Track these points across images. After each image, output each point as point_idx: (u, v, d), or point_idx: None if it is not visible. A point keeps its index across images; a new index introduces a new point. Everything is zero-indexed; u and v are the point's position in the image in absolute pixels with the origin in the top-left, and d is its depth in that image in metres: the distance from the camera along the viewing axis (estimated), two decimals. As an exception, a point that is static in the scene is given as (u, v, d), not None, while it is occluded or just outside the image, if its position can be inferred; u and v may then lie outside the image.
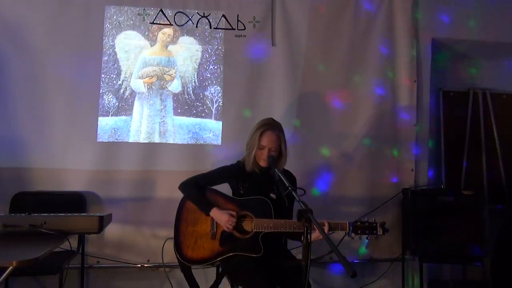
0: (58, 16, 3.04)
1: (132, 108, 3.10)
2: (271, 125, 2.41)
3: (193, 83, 3.17)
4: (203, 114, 3.16)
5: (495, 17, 3.50)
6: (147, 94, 3.13)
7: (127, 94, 3.10)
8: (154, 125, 3.11)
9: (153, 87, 3.13)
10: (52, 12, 3.03)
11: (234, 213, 2.30)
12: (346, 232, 2.21)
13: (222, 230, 2.35)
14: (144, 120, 3.11)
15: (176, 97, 3.15)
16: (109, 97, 3.08)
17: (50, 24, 3.03)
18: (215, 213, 2.32)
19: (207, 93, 3.17)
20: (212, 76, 3.18)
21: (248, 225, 2.34)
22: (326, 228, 2.17)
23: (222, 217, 2.30)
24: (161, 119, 3.13)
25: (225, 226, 2.30)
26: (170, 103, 3.14)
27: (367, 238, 2.21)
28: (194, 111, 3.15)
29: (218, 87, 3.18)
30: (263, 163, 2.39)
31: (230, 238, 2.32)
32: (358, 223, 2.22)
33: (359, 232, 2.21)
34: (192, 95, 3.16)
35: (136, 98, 3.11)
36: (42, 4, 3.02)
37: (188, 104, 3.15)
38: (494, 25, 3.49)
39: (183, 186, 2.45)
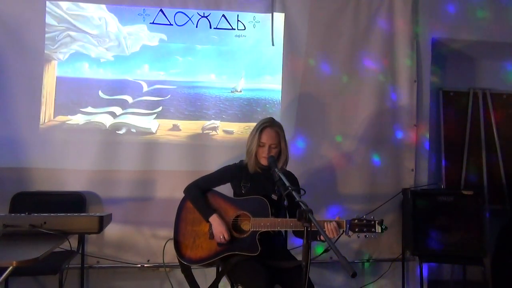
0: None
1: (133, 108, 3.10)
2: (270, 123, 2.42)
3: (193, 83, 3.18)
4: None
5: (495, 17, 3.51)
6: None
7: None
8: (155, 125, 3.11)
9: (153, 87, 3.14)
10: (52, 12, 3.04)
11: (228, 234, 2.29)
12: (343, 230, 2.19)
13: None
14: (145, 120, 3.11)
15: (176, 97, 3.16)
16: (109, 97, 3.09)
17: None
18: (214, 220, 2.33)
19: (207, 93, 3.18)
20: (212, 76, 3.20)
21: (246, 225, 2.35)
22: (333, 225, 2.15)
23: (218, 228, 2.31)
24: (162, 119, 3.13)
25: (217, 237, 2.31)
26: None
27: (365, 236, 2.19)
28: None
29: (218, 87, 3.19)
30: (264, 162, 2.38)
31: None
32: (356, 221, 2.19)
33: (356, 230, 2.18)
34: (192, 95, 3.17)
35: (137, 98, 3.11)
36: (42, 4, 3.02)
37: (189, 104, 3.17)
38: (495, 25, 3.50)
39: (186, 191, 2.46)
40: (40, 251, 1.70)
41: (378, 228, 2.18)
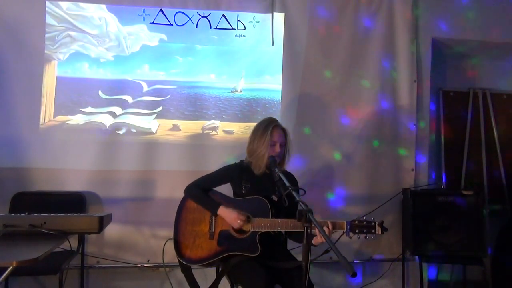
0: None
1: (133, 108, 3.10)
2: (276, 121, 2.45)
3: (193, 83, 3.18)
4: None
5: (495, 17, 3.50)
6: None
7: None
8: (155, 125, 3.11)
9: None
10: (52, 12, 3.04)
11: (242, 212, 2.29)
12: (343, 231, 2.20)
13: (220, 230, 2.35)
14: (145, 120, 3.11)
15: (176, 97, 3.16)
16: (109, 97, 3.08)
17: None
18: (223, 211, 2.32)
19: (207, 93, 3.18)
20: (212, 76, 3.20)
21: (246, 225, 2.34)
22: (330, 225, 2.14)
23: (231, 215, 2.29)
24: (162, 119, 3.13)
25: (235, 224, 2.29)
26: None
27: (365, 237, 2.19)
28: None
29: (218, 87, 3.19)
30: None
31: (228, 238, 2.32)
32: (356, 222, 2.19)
33: (357, 231, 2.18)
34: (192, 95, 3.17)
35: (137, 98, 3.11)
36: (42, 4, 3.02)
37: (189, 104, 3.17)
38: (494, 25, 3.49)
39: (187, 191, 2.45)
40: (40, 251, 1.70)
41: (378, 229, 2.18)
